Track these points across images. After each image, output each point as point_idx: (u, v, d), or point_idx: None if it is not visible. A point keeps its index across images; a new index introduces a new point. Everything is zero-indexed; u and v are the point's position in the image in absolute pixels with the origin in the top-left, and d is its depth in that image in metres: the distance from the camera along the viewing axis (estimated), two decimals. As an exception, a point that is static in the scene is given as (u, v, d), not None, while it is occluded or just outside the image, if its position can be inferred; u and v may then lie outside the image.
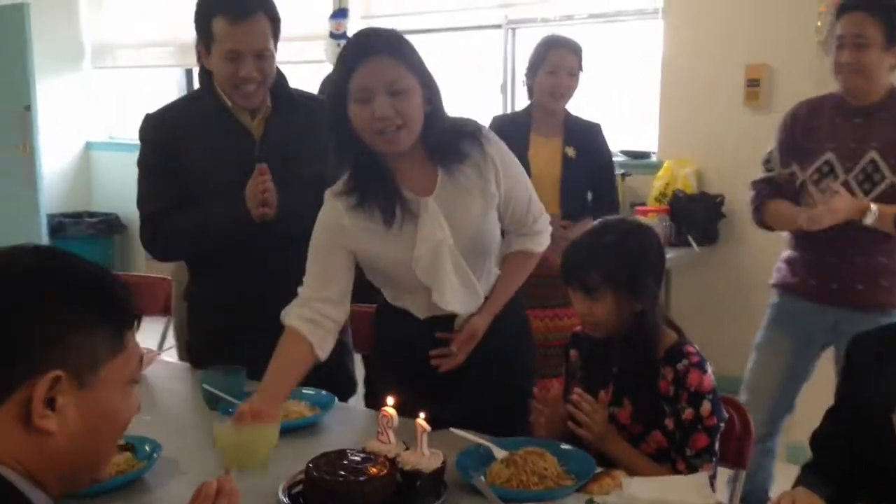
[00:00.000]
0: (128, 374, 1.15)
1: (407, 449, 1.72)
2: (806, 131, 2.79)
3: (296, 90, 2.42)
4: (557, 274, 1.95)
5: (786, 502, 1.58)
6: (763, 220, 2.91)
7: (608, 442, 1.85)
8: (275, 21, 2.29)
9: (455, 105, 5.27)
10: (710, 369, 1.86)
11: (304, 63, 5.85)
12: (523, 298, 2.26)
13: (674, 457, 1.86)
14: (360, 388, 4.33)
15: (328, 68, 4.51)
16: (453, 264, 1.98)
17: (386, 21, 5.99)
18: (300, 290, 2.07)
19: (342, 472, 1.59)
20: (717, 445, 1.85)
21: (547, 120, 3.35)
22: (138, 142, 2.42)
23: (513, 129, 3.31)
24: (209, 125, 2.33)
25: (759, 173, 2.93)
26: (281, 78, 2.37)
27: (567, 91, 3.31)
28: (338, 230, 2.00)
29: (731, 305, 4.65)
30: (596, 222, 1.97)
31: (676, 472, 1.83)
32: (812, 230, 2.63)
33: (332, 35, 5.85)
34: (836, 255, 2.71)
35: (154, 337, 3.20)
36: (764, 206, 2.87)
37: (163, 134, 2.36)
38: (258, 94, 2.32)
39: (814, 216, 2.60)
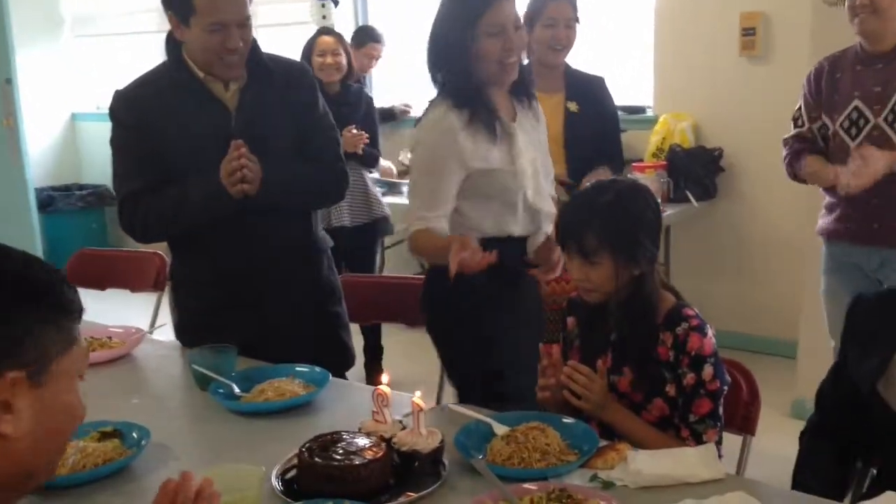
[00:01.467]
0: (79, 368, 1.12)
1: (404, 428, 1.67)
2: (830, 84, 2.79)
3: (269, 55, 2.33)
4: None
5: None
6: (797, 175, 2.90)
7: (609, 411, 1.80)
8: None
9: None
10: (710, 332, 1.80)
11: (289, 25, 5.72)
12: None
13: (677, 423, 1.81)
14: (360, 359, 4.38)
15: (312, 30, 4.40)
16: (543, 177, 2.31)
17: (373, -20, 5.87)
18: (420, 212, 2.20)
19: (336, 456, 1.54)
20: (720, 410, 1.80)
21: (547, 75, 3.23)
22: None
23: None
24: (183, 99, 2.24)
25: (790, 130, 2.94)
26: (254, 45, 2.27)
27: (567, 43, 3.18)
28: (455, 151, 2.17)
29: (731, 261, 4.60)
30: (588, 184, 1.89)
31: (680, 439, 1.78)
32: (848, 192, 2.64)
33: (317, -5, 5.72)
34: (878, 197, 2.67)
35: (146, 314, 3.14)
36: (797, 162, 2.86)
37: (134, 111, 2.27)
38: (241, 63, 2.23)
39: (852, 184, 2.61)
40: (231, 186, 2.13)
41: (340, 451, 1.55)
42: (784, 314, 4.30)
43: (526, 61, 2.38)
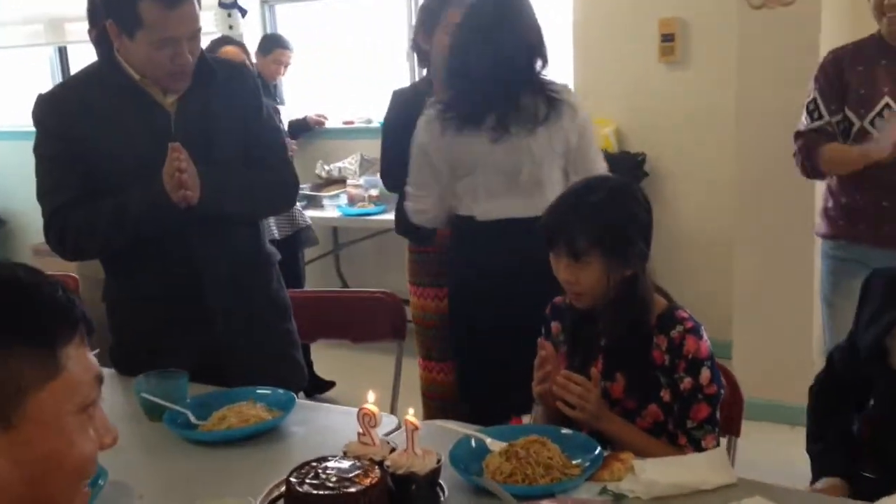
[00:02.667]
0: (75, 402, 0.93)
1: (394, 450, 1.54)
2: (855, 75, 2.68)
3: (211, 56, 2.17)
4: None
5: None
6: (816, 167, 2.76)
7: (603, 421, 1.71)
8: None
9: (361, 74, 4.95)
10: (705, 334, 1.74)
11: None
12: None
13: (672, 430, 1.74)
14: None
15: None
16: None
17: (283, -12, 5.70)
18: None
19: (330, 484, 1.39)
20: (717, 415, 1.74)
21: None
22: (28, 127, 2.13)
23: (415, 100, 3.03)
24: (115, 102, 2.06)
25: (803, 124, 2.79)
26: None
27: None
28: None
29: (659, 265, 4.58)
30: (576, 181, 1.81)
31: (677, 446, 1.72)
32: (882, 158, 2.52)
33: (222, 4, 5.51)
34: (888, 199, 2.62)
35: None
36: (817, 154, 2.72)
37: (61, 116, 2.07)
38: (189, 75, 2.07)
39: (883, 146, 2.49)
40: (173, 193, 1.97)
41: (333, 479, 1.41)
42: (715, 314, 4.32)
43: None
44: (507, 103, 2.37)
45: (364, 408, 1.54)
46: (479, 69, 2.36)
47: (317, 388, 4.31)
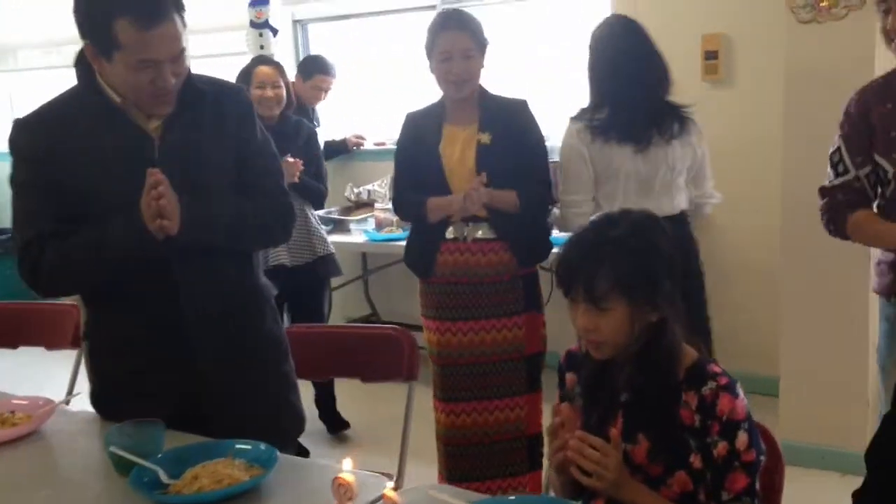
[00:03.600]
0: None
1: (374, 526, 1.33)
2: (881, 116, 2.35)
3: (197, 76, 2.00)
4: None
5: None
6: (842, 232, 2.46)
7: (625, 490, 1.49)
8: (181, 10, 1.86)
9: (394, 94, 4.77)
10: (741, 392, 1.51)
11: (224, 56, 5.38)
12: None
13: (704, 502, 1.50)
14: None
15: (248, 59, 4.06)
16: None
17: (311, 6, 5.57)
18: None
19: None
20: (757, 485, 1.50)
21: (458, 108, 2.94)
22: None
23: (426, 122, 2.98)
24: (95, 127, 1.90)
25: (828, 177, 2.49)
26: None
27: (466, 76, 2.85)
28: None
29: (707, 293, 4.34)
30: (595, 216, 1.60)
31: (711, 521, 1.48)
32: None
33: (253, 24, 5.41)
34: None
35: (64, 377, 2.75)
36: (843, 220, 2.42)
37: (38, 142, 1.91)
38: (174, 99, 1.90)
39: None
40: (149, 222, 1.80)
41: (296, 566, 1.21)
42: (761, 348, 4.07)
43: None
44: (654, 120, 2.81)
45: (339, 477, 1.34)
46: (635, 90, 2.80)
47: (339, 425, 4.11)
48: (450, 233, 2.93)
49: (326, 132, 5.11)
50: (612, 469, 1.46)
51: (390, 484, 1.32)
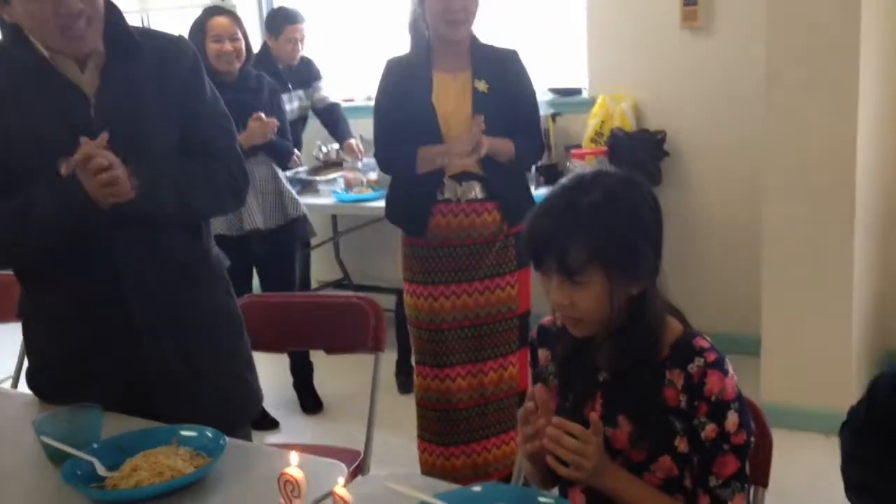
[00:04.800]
0: None
1: (325, 526, 1.20)
2: None
3: (136, 28, 1.82)
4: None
5: None
6: None
7: (605, 478, 1.36)
8: None
9: (361, 47, 4.50)
10: (730, 368, 1.38)
11: (186, 9, 5.12)
12: None
13: (691, 488, 1.38)
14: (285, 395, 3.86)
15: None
16: None
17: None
18: None
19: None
20: (747, 468, 1.38)
21: (449, 52, 2.78)
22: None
23: (411, 70, 2.81)
24: (22, 84, 1.72)
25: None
26: (114, 13, 1.76)
27: (465, 15, 2.72)
28: None
29: (682, 252, 4.21)
30: (566, 179, 1.44)
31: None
32: None
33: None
34: None
35: (10, 352, 2.60)
36: None
37: None
38: (90, 32, 1.71)
39: None
40: (102, 200, 1.64)
41: (234, 579, 1.07)
42: (741, 308, 3.97)
43: None
44: None
45: (285, 473, 1.19)
46: None
47: (313, 404, 3.97)
48: (443, 193, 2.80)
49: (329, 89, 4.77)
50: (591, 457, 1.33)
51: (341, 480, 1.18)
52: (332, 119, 4.63)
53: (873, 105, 3.34)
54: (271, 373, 3.68)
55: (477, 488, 1.35)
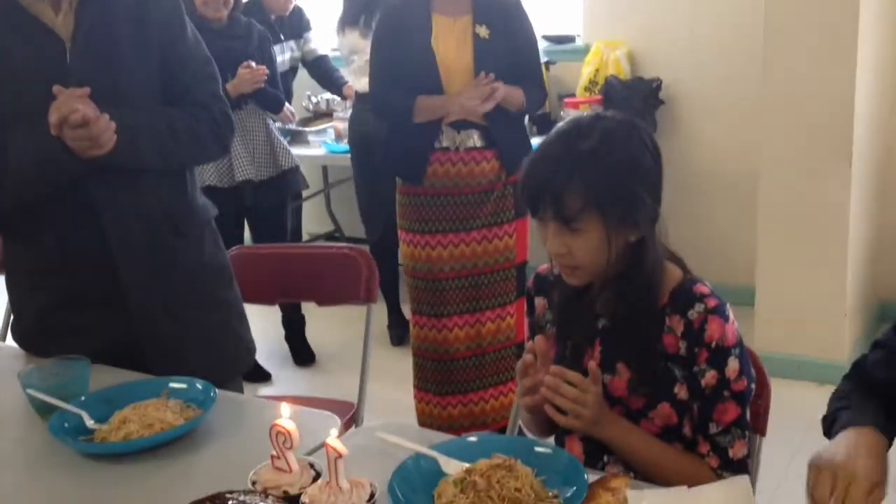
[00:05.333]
0: None
1: (318, 477, 1.17)
2: None
3: None
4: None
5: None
6: None
7: (603, 427, 1.34)
8: None
9: None
10: (731, 314, 1.35)
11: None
12: None
13: (690, 436, 1.36)
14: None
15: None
16: None
17: None
18: None
19: (218, 540, 1.03)
20: (748, 415, 1.36)
21: None
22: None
23: (410, 12, 2.74)
24: None
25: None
26: None
27: None
28: None
29: (680, 201, 4.15)
30: (563, 123, 1.39)
31: (698, 456, 1.35)
32: None
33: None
34: None
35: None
36: None
37: None
38: None
39: None
40: (82, 152, 1.59)
41: (225, 531, 1.04)
42: (736, 257, 3.94)
43: None
44: None
45: (277, 424, 1.17)
46: None
47: (305, 356, 3.94)
48: (441, 141, 2.75)
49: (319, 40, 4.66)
50: (590, 406, 1.30)
51: (334, 431, 1.15)
52: (323, 71, 4.55)
53: (873, 52, 3.28)
54: (263, 326, 3.64)
55: (473, 438, 1.33)
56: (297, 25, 4.36)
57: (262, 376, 3.72)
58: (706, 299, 1.33)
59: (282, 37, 4.21)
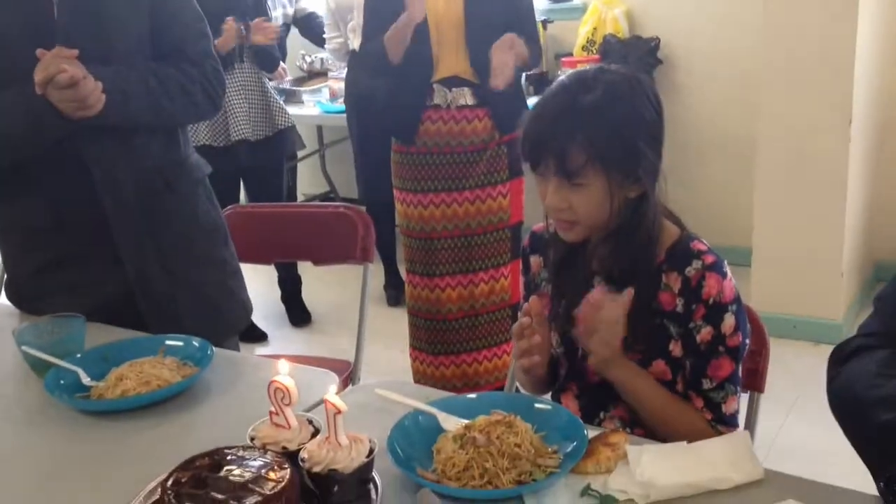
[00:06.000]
0: None
1: (316, 433, 1.17)
2: None
3: None
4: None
5: None
6: None
7: (617, 366, 1.34)
8: None
9: None
10: (728, 270, 1.35)
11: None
12: None
13: (683, 391, 1.37)
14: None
15: None
16: None
17: None
18: None
19: (217, 496, 1.03)
20: (740, 372, 1.36)
21: None
22: None
23: None
24: None
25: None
26: None
27: None
28: None
29: (676, 162, 4.07)
30: (565, 77, 1.37)
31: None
32: None
33: None
34: None
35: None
36: None
37: None
38: None
39: None
40: (71, 113, 1.57)
41: (223, 486, 1.04)
42: (734, 218, 3.93)
43: None
44: None
45: (275, 381, 1.16)
46: None
47: (301, 316, 3.94)
48: (433, 99, 2.72)
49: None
50: (618, 336, 1.31)
51: (333, 387, 1.15)
52: (312, 27, 4.50)
53: (874, 10, 3.24)
54: (259, 286, 3.65)
55: (472, 396, 1.33)
56: None
57: (258, 336, 3.73)
58: (703, 256, 1.32)
59: None
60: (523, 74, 3.05)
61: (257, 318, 3.66)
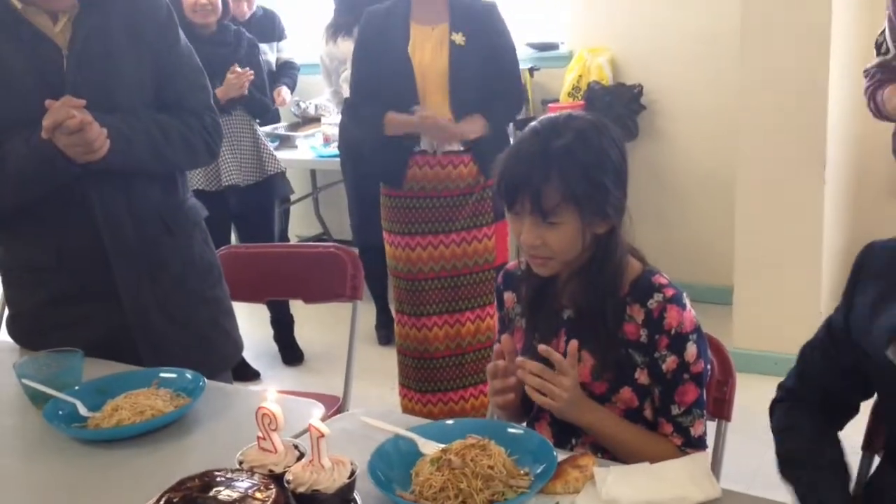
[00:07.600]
0: None
1: (302, 457, 1.25)
2: None
3: None
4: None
5: None
6: (880, 111, 2.46)
7: (580, 410, 1.42)
8: None
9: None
10: (688, 302, 1.43)
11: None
12: None
13: (651, 418, 1.44)
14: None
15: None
16: None
17: None
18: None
19: (207, 512, 1.10)
20: (705, 396, 1.44)
21: (425, 4, 2.80)
22: None
23: (389, 21, 2.82)
24: None
25: (872, 60, 2.47)
26: None
27: None
28: None
29: (660, 204, 4.27)
30: (535, 122, 1.48)
31: (662, 435, 1.43)
32: None
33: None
34: None
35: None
36: (878, 95, 2.42)
37: None
38: None
39: None
40: (78, 158, 1.66)
41: (212, 504, 1.12)
42: (715, 259, 4.04)
43: None
44: None
45: (262, 407, 1.24)
46: None
47: (293, 355, 4.01)
48: (420, 145, 2.83)
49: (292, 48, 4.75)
50: (568, 388, 1.38)
51: (318, 413, 1.23)
52: (285, 75, 4.62)
53: (847, 58, 3.37)
54: (252, 326, 3.73)
55: (450, 422, 1.41)
56: (269, 32, 4.45)
57: (250, 375, 3.79)
58: (664, 289, 1.41)
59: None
60: (510, 124, 3.17)
61: (250, 357, 3.73)
